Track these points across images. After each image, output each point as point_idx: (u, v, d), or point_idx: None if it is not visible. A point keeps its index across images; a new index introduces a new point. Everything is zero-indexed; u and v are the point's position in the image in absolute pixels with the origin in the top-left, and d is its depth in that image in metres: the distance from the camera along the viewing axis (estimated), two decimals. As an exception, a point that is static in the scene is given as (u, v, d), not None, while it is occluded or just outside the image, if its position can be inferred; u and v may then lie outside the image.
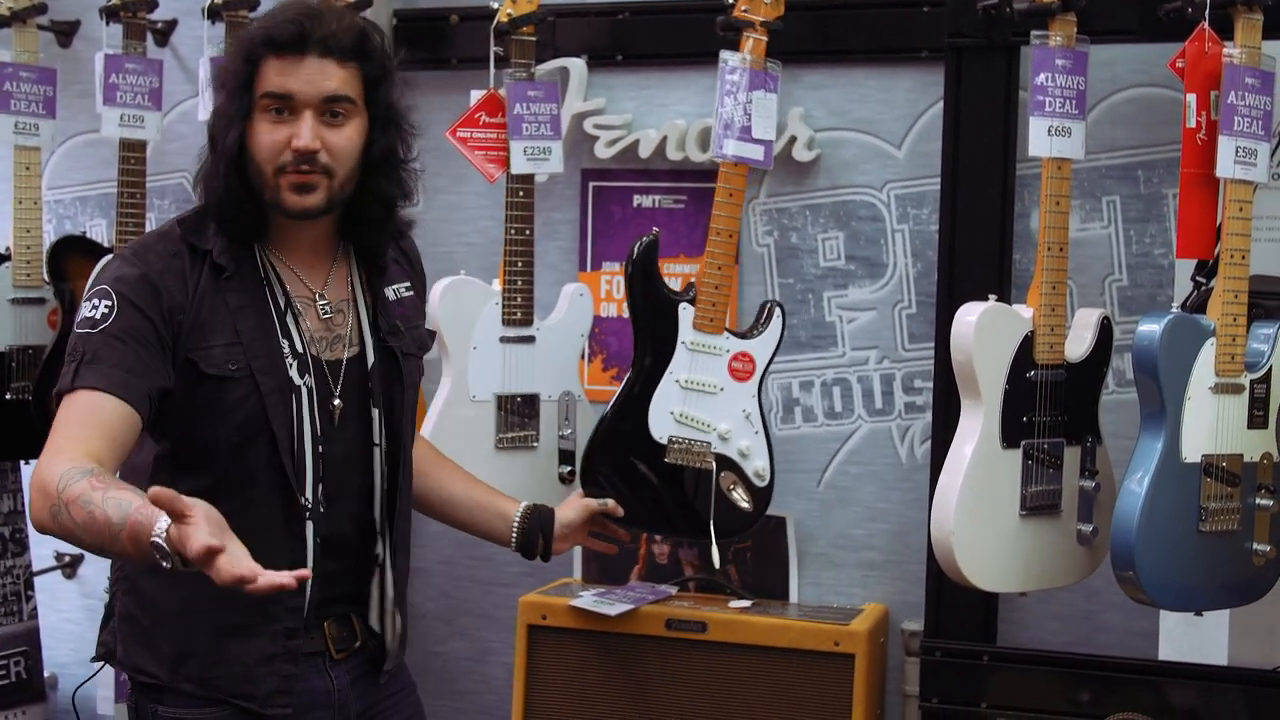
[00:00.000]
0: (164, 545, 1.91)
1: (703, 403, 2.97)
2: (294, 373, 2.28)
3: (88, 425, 2.14)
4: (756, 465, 3.01)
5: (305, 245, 2.35)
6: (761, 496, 3.03)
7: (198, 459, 2.26)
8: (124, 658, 2.33)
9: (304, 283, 2.34)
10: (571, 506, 2.74)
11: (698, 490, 2.99)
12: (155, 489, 1.87)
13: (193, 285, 2.25)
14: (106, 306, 2.19)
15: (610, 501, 2.76)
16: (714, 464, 2.97)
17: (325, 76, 2.24)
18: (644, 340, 2.99)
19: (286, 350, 2.29)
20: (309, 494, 2.29)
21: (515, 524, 2.64)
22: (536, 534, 2.65)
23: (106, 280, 2.23)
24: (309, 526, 2.30)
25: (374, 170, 2.32)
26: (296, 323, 2.32)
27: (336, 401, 2.34)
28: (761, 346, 3.03)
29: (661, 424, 2.98)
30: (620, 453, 2.98)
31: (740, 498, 3.00)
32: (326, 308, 2.35)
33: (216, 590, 2.09)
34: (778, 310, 3.06)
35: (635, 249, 2.96)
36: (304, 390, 2.29)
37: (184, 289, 2.24)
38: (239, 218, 2.28)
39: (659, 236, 3.01)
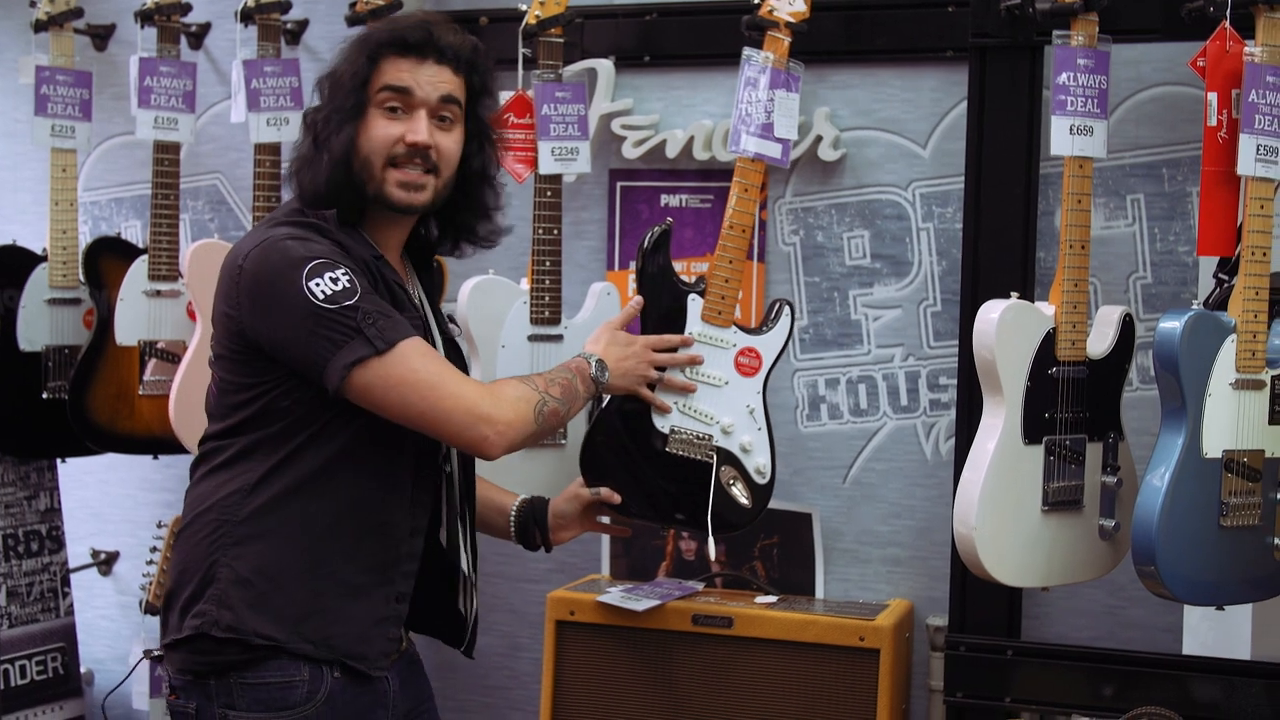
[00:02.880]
0: (603, 364, 2.58)
1: (707, 395, 2.96)
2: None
3: (449, 364, 2.34)
4: (758, 461, 3.00)
5: (393, 246, 2.44)
6: (761, 494, 3.00)
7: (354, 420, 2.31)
8: (236, 623, 2.28)
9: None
10: (566, 497, 2.76)
11: (697, 483, 2.96)
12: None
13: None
14: (342, 273, 2.22)
15: (605, 490, 2.75)
16: (715, 457, 2.96)
17: (442, 80, 2.36)
18: (652, 329, 2.98)
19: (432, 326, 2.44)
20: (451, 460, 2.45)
21: (512, 517, 2.69)
22: (532, 526, 2.69)
23: (316, 255, 2.24)
24: (444, 485, 2.47)
25: (473, 182, 2.46)
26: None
27: None
28: (769, 343, 3.02)
29: (664, 414, 2.97)
30: (621, 441, 2.95)
31: (740, 493, 2.97)
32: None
33: (345, 548, 2.28)
34: (787, 309, 3.05)
35: (647, 239, 2.96)
36: None
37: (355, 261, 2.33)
38: (341, 203, 2.35)
39: (671, 227, 3.01)
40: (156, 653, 3.69)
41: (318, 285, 2.20)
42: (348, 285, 2.21)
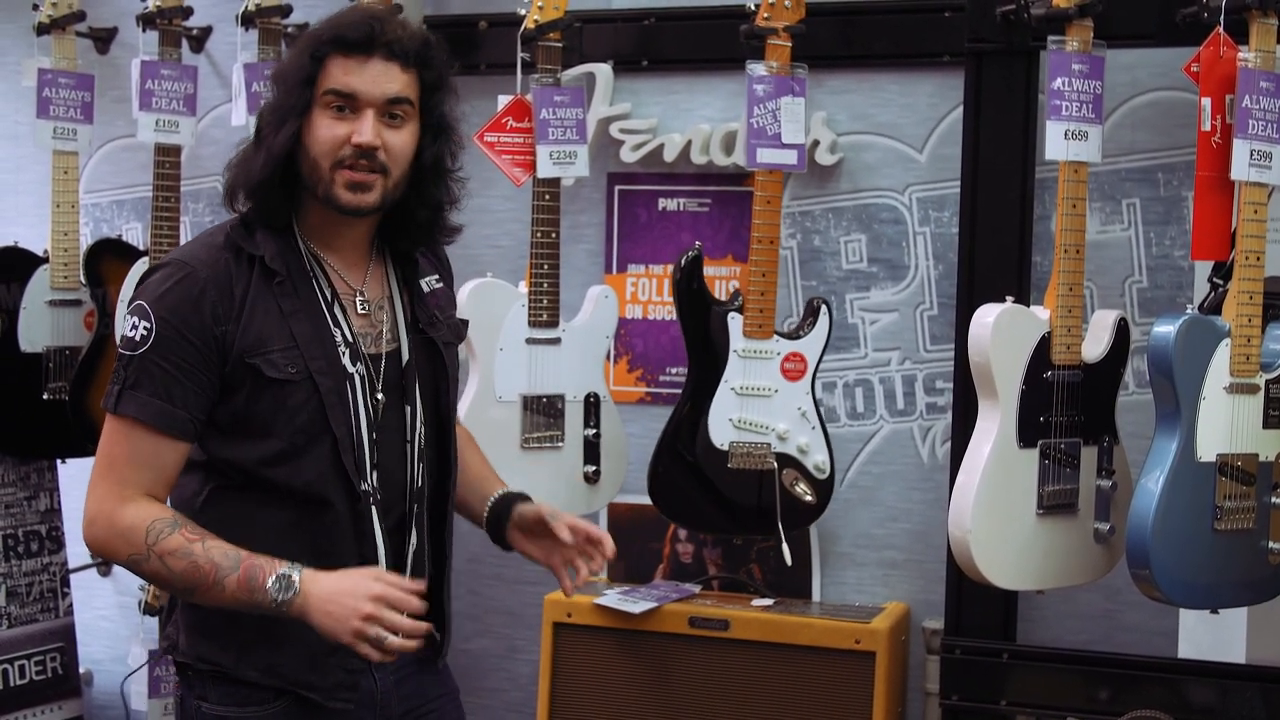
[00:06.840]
0: (293, 580, 2.17)
1: (759, 406, 3.03)
2: (346, 360, 2.32)
3: (139, 464, 2.24)
4: (816, 459, 3.10)
5: (346, 244, 2.38)
6: (824, 488, 3.14)
7: (263, 466, 2.28)
8: (187, 647, 2.31)
9: (345, 280, 2.37)
10: (533, 512, 2.53)
11: (762, 490, 3.07)
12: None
13: (240, 291, 2.27)
14: (145, 328, 2.23)
15: (566, 517, 2.49)
16: (775, 464, 3.03)
17: (389, 79, 2.30)
18: (697, 352, 3.07)
19: (339, 339, 2.32)
20: (369, 481, 2.32)
21: (488, 507, 2.57)
22: (500, 521, 2.57)
23: (147, 298, 2.25)
24: (374, 514, 2.32)
25: (424, 176, 2.38)
26: (344, 314, 2.35)
27: (380, 395, 2.37)
28: (811, 345, 3.11)
29: (721, 431, 3.04)
30: (685, 464, 3.09)
31: (803, 492, 3.08)
32: (365, 304, 2.38)
33: None
34: (824, 307, 3.12)
35: (680, 265, 3.01)
36: (357, 377, 2.33)
37: (230, 297, 2.26)
38: (269, 201, 2.31)
39: (702, 250, 3.06)
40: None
41: (127, 322, 2.26)
42: (143, 335, 2.23)
